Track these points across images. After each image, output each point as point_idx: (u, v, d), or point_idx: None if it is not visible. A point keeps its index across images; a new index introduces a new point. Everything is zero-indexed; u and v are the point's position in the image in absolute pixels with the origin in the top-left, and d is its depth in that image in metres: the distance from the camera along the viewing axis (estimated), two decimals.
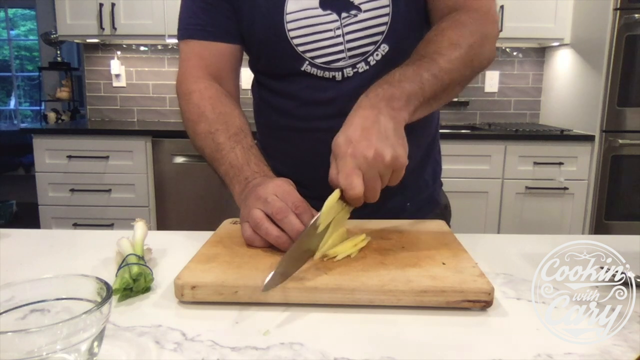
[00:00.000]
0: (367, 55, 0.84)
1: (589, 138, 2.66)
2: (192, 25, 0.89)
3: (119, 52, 3.28)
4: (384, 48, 0.84)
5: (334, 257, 0.64)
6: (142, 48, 3.28)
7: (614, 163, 2.63)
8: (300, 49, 0.84)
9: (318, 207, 0.63)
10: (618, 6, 2.49)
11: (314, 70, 0.85)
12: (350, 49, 0.84)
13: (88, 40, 3.12)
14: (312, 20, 0.83)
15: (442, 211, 1.02)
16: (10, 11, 6.88)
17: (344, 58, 0.84)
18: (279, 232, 0.65)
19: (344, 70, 0.85)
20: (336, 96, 0.85)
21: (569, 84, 2.95)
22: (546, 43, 3.09)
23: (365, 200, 0.64)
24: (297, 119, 0.89)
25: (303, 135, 0.90)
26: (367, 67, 0.85)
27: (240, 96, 0.94)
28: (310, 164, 0.88)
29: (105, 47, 3.28)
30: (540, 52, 3.27)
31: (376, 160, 0.61)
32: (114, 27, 2.88)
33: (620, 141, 2.60)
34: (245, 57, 0.95)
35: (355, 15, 0.82)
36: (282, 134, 0.93)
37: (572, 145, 2.69)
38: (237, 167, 0.77)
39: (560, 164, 2.70)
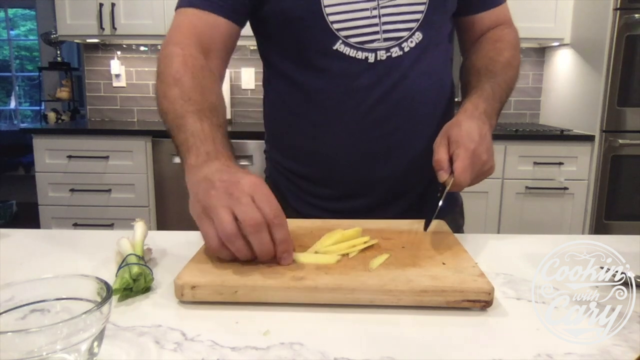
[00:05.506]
0: (401, 40, 0.84)
1: (589, 138, 2.66)
2: None
3: (119, 52, 3.28)
4: (418, 36, 0.84)
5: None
6: (142, 48, 3.28)
7: (614, 163, 2.63)
8: (336, 26, 0.82)
9: (340, 209, 0.62)
10: (618, 6, 2.48)
11: (346, 50, 0.83)
12: (385, 32, 0.83)
13: (88, 40, 3.12)
14: None
15: (460, 209, 1.05)
16: (10, 11, 6.88)
17: (378, 40, 0.83)
18: (250, 250, 0.60)
19: (378, 52, 0.83)
20: (367, 84, 0.84)
21: (569, 84, 2.95)
22: (546, 43, 3.09)
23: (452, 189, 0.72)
24: (325, 111, 0.86)
25: (329, 129, 0.87)
26: (401, 52, 0.84)
27: (240, 96, 0.94)
28: (336, 160, 0.86)
29: (105, 47, 3.27)
30: (540, 52, 3.27)
31: (484, 165, 0.74)
32: (114, 27, 2.88)
33: (620, 141, 2.60)
34: (257, 56, 0.91)
35: None
36: (306, 129, 0.89)
37: (572, 145, 2.69)
38: (199, 138, 0.69)
39: (560, 164, 2.70)
